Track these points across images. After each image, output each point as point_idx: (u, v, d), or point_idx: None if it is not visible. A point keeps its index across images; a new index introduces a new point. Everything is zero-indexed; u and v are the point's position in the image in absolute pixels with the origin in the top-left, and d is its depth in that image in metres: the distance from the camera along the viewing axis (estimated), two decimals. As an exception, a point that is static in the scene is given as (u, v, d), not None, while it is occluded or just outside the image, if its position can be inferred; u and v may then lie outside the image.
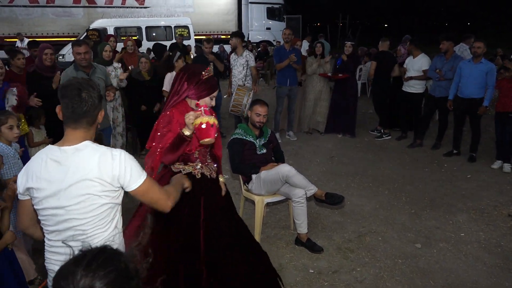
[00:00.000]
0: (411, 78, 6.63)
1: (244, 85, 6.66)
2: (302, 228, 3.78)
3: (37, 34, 15.82)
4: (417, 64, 6.67)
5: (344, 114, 7.37)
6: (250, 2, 19.18)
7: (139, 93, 6.02)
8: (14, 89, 4.17)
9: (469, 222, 4.35)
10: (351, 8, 34.72)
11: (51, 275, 1.85)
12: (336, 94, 7.39)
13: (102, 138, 3.88)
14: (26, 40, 13.78)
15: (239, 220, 3.07)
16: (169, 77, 5.98)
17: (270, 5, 19.60)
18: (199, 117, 2.35)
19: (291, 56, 6.68)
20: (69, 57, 15.06)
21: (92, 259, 1.05)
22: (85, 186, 1.70)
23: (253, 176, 3.90)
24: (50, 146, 1.80)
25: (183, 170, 2.73)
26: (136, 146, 6.48)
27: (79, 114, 1.74)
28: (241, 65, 6.78)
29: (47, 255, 1.85)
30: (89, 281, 1.00)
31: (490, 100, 5.83)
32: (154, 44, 8.48)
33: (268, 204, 4.29)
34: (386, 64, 7.19)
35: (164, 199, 1.92)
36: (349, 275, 3.43)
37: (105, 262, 1.05)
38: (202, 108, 2.38)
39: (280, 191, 3.88)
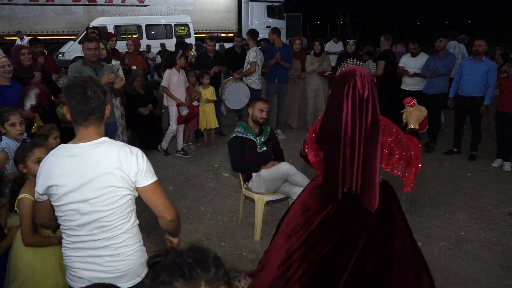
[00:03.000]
0: (416, 74, 6.60)
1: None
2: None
3: (37, 32, 15.77)
4: (418, 62, 6.65)
5: None
6: (250, 0, 19.14)
7: (135, 106, 6.26)
8: (36, 88, 4.13)
9: (469, 220, 4.34)
10: (351, 7, 34.75)
11: (71, 272, 1.91)
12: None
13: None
14: (26, 39, 13.78)
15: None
16: (168, 74, 5.95)
17: (270, 3, 19.55)
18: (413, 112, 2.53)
19: (277, 55, 6.79)
20: (69, 55, 15.07)
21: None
22: (107, 179, 1.77)
23: (253, 174, 3.90)
24: (62, 145, 1.86)
25: None
26: (135, 145, 6.48)
27: (88, 111, 1.78)
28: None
29: (67, 252, 1.90)
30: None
31: (491, 98, 5.82)
32: (178, 40, 8.55)
33: (268, 203, 4.29)
34: (390, 63, 7.15)
35: (168, 206, 1.93)
36: (349, 274, 3.42)
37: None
38: (414, 101, 2.61)
39: (280, 190, 3.87)
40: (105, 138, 1.84)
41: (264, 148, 3.97)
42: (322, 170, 2.32)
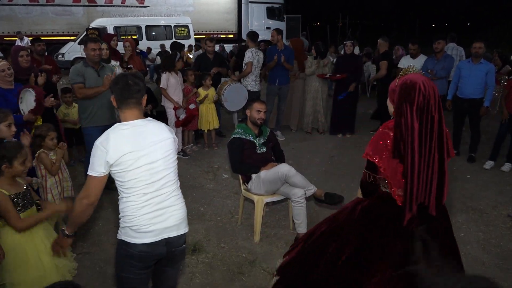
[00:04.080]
0: None
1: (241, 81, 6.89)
2: (301, 228, 3.78)
3: (36, 33, 15.79)
4: (417, 64, 6.67)
5: (345, 114, 7.36)
6: (250, 2, 19.16)
7: None
8: (31, 89, 4.09)
9: (468, 222, 4.35)
10: (351, 8, 34.76)
11: (137, 230, 2.18)
12: (337, 95, 7.37)
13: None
14: (26, 39, 13.79)
15: None
16: (166, 76, 5.96)
17: (270, 5, 19.58)
18: None
19: (275, 58, 6.81)
20: (69, 56, 15.09)
21: None
22: (167, 144, 2.26)
23: (253, 175, 3.91)
24: (117, 124, 2.22)
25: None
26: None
27: (129, 95, 2.19)
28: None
29: (136, 212, 2.18)
30: None
31: (490, 100, 5.84)
32: (172, 42, 8.57)
33: (267, 204, 4.30)
34: (390, 64, 7.14)
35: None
36: (349, 275, 3.42)
37: None
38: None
39: (279, 191, 3.88)
40: (150, 118, 2.31)
41: (264, 149, 3.98)
42: (398, 185, 2.20)
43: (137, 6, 17.68)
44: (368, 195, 2.43)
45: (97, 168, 2.12)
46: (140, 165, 2.15)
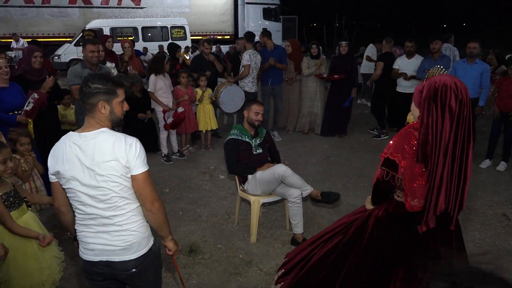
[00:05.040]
0: (414, 76, 6.63)
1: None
2: (298, 228, 3.79)
3: (32, 34, 15.77)
4: (413, 65, 6.69)
5: (339, 115, 7.37)
6: (247, 3, 19.18)
7: (132, 108, 6.11)
8: (35, 94, 4.14)
9: (464, 221, 4.36)
10: (347, 9, 34.83)
11: (83, 245, 2.10)
12: (332, 95, 7.39)
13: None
14: (22, 41, 13.75)
15: None
16: (154, 79, 5.92)
17: (266, 6, 19.61)
18: None
19: (270, 60, 6.85)
20: (65, 58, 15.07)
21: None
22: (107, 166, 1.92)
23: (249, 176, 3.91)
24: (71, 132, 2.03)
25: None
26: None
27: (82, 100, 2.01)
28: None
29: (79, 228, 2.10)
30: None
31: (485, 100, 5.86)
32: (169, 43, 8.57)
33: (264, 205, 4.30)
34: (390, 65, 7.11)
35: (151, 197, 2.03)
36: (345, 275, 3.43)
37: None
38: None
39: (276, 192, 3.88)
40: (104, 129, 1.99)
41: (260, 150, 3.99)
42: (413, 193, 2.12)
43: (133, 8, 17.67)
44: (380, 198, 2.32)
45: (49, 174, 2.08)
46: (72, 186, 1.98)
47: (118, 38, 14.52)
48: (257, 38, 7.67)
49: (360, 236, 2.37)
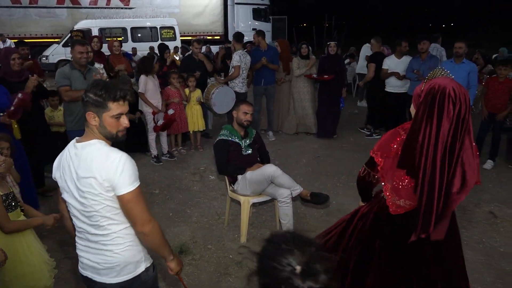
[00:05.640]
0: (404, 76, 6.68)
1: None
2: (288, 228, 3.80)
3: (19, 35, 15.58)
4: (402, 64, 6.74)
5: (330, 115, 7.39)
6: (236, 3, 19.17)
7: None
8: (20, 94, 4.09)
9: (452, 219, 4.41)
10: (337, 9, 34.97)
11: (79, 258, 2.03)
12: (322, 96, 7.41)
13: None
14: (9, 41, 13.57)
15: None
16: (144, 80, 5.89)
17: (256, 6, 19.62)
18: None
19: (262, 59, 6.84)
20: (53, 58, 14.92)
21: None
22: (85, 183, 1.81)
23: (239, 176, 3.91)
24: (76, 138, 1.94)
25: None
26: (121, 149, 6.44)
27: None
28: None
29: (76, 239, 2.03)
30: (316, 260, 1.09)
31: (473, 99, 5.92)
32: (160, 44, 8.54)
33: (254, 205, 4.30)
34: (381, 65, 7.11)
35: (142, 219, 1.83)
36: (335, 274, 3.45)
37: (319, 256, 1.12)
38: None
39: (265, 192, 3.89)
40: (94, 141, 1.87)
41: (250, 151, 3.99)
42: (409, 198, 2.06)
43: (122, 8, 17.55)
44: (362, 194, 2.43)
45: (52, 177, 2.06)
46: (65, 197, 1.94)
47: (107, 39, 14.44)
48: (249, 38, 7.66)
49: (345, 229, 2.45)
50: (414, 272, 2.12)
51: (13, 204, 2.70)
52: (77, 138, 1.95)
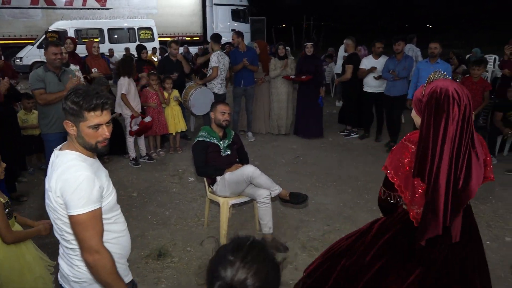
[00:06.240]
0: (380, 77, 6.76)
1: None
2: (267, 228, 3.80)
3: (-8, 36, 15.23)
4: (379, 65, 6.83)
5: (310, 116, 7.43)
6: (215, 4, 19.15)
7: None
8: None
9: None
10: (315, 10, 35.27)
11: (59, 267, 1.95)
12: (301, 96, 7.45)
13: None
14: (-19, 43, 13.24)
15: None
16: (126, 82, 5.78)
17: (235, 7, 19.64)
18: None
19: (244, 61, 6.84)
20: (27, 60, 14.60)
21: (248, 251, 1.11)
22: (48, 194, 1.74)
23: (218, 178, 3.90)
24: (59, 146, 1.85)
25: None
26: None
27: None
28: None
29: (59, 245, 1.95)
30: (244, 274, 1.06)
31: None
32: (137, 45, 8.43)
33: (233, 206, 4.29)
34: (356, 66, 7.19)
35: (88, 247, 1.69)
36: (314, 273, 3.47)
37: (259, 256, 1.12)
38: None
39: (244, 192, 3.88)
40: (66, 152, 1.76)
41: (228, 152, 3.98)
42: (415, 203, 2.00)
43: (98, 9, 17.31)
44: (386, 213, 2.25)
45: None
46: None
47: (83, 40, 14.20)
48: (227, 39, 7.65)
49: (363, 237, 2.32)
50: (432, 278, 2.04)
51: (10, 212, 2.58)
52: (64, 143, 1.85)
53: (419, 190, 1.93)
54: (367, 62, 6.99)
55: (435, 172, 1.87)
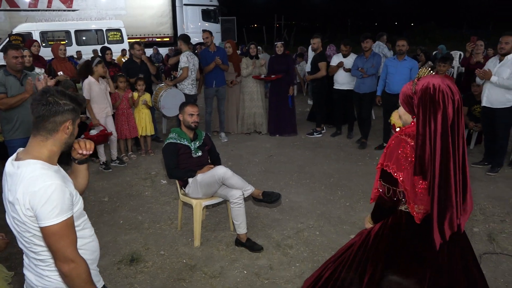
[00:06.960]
0: (349, 70, 6.83)
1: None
2: (241, 228, 3.79)
3: (-49, 40, 14.60)
4: (349, 62, 6.92)
5: (286, 115, 7.46)
6: (185, 4, 18.97)
7: None
8: None
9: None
10: (285, 10, 35.48)
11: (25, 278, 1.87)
12: (272, 95, 7.48)
13: None
14: None
15: None
16: (87, 85, 5.61)
17: (205, 7, 19.51)
18: None
19: (216, 59, 6.82)
20: (-10, 64, 14.04)
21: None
22: (13, 208, 1.65)
23: (190, 179, 3.86)
24: (14, 155, 1.74)
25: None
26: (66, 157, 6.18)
27: (36, 116, 1.67)
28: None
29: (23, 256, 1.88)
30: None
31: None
32: (102, 47, 8.22)
33: (206, 207, 4.26)
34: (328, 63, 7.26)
35: (63, 257, 1.64)
36: (289, 271, 3.48)
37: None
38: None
39: (217, 193, 3.86)
40: (32, 161, 1.66)
41: (199, 153, 3.95)
42: (426, 203, 1.97)
43: (64, 10, 16.86)
44: (383, 215, 2.15)
45: None
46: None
47: (49, 43, 13.80)
48: (198, 40, 7.58)
49: (362, 249, 2.23)
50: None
51: None
52: (18, 152, 1.75)
53: (420, 187, 1.94)
54: (337, 60, 7.08)
55: (438, 169, 1.86)
